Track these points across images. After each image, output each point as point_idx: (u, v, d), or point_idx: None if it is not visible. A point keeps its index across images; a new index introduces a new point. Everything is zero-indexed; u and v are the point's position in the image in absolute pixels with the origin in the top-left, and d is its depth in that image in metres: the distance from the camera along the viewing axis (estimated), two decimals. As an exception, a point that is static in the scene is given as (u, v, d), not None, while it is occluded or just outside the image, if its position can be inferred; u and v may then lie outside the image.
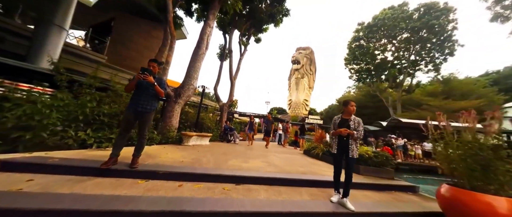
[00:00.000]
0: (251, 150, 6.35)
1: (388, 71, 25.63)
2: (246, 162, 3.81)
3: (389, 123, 18.46)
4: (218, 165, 3.16)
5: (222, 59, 13.24)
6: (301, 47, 50.21)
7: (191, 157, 3.58)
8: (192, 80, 6.90)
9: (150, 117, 2.49)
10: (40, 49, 7.27)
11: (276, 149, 7.93)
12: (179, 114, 6.64)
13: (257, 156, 4.94)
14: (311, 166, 4.35)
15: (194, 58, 7.12)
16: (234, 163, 3.54)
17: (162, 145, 4.97)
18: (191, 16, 11.58)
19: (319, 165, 4.67)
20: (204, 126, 8.73)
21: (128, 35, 14.74)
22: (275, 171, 3.27)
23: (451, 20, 21.83)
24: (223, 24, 13.02)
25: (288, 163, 4.32)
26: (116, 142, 2.37)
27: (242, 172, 2.88)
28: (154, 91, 2.45)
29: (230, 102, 12.42)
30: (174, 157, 3.40)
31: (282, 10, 13.18)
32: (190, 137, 5.72)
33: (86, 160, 2.45)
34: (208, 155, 4.04)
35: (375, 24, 25.10)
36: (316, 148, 6.27)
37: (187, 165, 2.94)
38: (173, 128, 6.18)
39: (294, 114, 44.45)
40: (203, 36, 7.39)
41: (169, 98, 6.48)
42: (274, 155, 5.58)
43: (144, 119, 2.43)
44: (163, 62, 6.73)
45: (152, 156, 3.22)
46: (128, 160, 2.45)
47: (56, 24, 7.63)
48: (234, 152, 5.21)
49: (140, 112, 2.38)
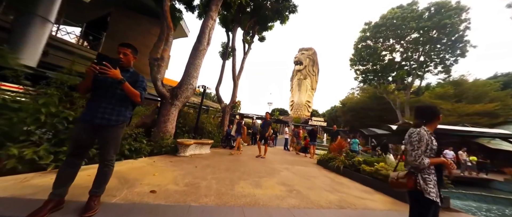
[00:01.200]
0: (257, 161, 5.44)
1: (396, 73, 24.63)
2: (258, 185, 2.91)
3: (400, 126, 17.49)
4: (222, 196, 2.26)
5: (224, 58, 12.39)
6: (303, 48, 49.46)
7: (185, 180, 2.68)
8: (192, 79, 6.02)
9: (116, 132, 1.59)
10: (20, 42, 6.42)
11: (283, 157, 7.01)
12: (175, 118, 5.76)
13: (267, 172, 4.03)
14: (338, 187, 3.44)
15: (194, 54, 6.24)
16: (244, 188, 2.64)
17: (153, 157, 4.07)
18: (192, 11, 10.75)
19: (347, 185, 3.75)
20: (205, 131, 7.84)
21: (125, 31, 13.90)
22: (301, 203, 2.37)
23: (463, 19, 20.85)
24: (226, 21, 12.21)
25: (309, 184, 3.41)
26: (59, 175, 1.45)
27: (260, 211, 1.98)
28: (124, 93, 1.56)
29: (233, 103, 11.55)
30: (162, 182, 2.50)
31: (289, 6, 12.34)
32: (187, 146, 4.83)
33: (15, 199, 1.56)
34: (209, 175, 3.14)
35: (383, 24, 24.12)
36: (334, 159, 5.35)
37: (178, 199, 2.04)
38: (168, 134, 5.30)
39: (296, 115, 43.54)
40: (204, 30, 6.52)
41: (165, 99, 5.60)
42: (286, 169, 4.67)
43: (106, 136, 1.55)
44: (158, 58, 5.86)
45: (129, 181, 2.32)
46: (85, 197, 1.55)
47: (39, 15, 6.79)
48: (239, 166, 4.31)
49: (100, 126, 1.51)
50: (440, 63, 23.44)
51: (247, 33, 12.74)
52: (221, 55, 13.07)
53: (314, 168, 5.37)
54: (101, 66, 1.37)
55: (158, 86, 5.44)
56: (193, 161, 4.21)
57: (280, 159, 6.43)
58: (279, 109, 53.72)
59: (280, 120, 28.34)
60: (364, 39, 26.15)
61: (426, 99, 23.00)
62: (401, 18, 22.97)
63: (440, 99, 21.46)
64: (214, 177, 3.05)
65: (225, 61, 12.19)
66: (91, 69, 1.37)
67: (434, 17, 21.42)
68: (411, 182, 1.34)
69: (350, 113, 34.53)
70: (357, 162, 4.54)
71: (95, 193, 1.54)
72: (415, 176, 1.36)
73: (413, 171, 1.39)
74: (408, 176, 1.38)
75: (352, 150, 7.44)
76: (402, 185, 1.42)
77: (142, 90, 1.64)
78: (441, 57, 23.03)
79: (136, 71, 1.74)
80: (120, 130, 1.62)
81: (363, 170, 4.21)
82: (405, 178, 1.39)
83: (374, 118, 29.34)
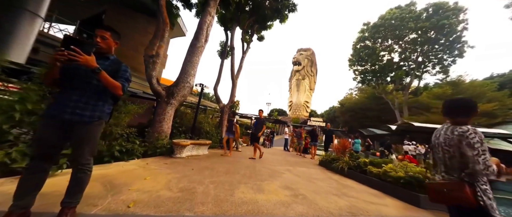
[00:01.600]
0: (258, 162, 5.19)
1: (394, 73, 24.65)
2: (260, 189, 2.66)
3: (399, 126, 17.39)
4: (221, 203, 2.01)
5: (223, 58, 12.17)
6: (302, 48, 49.50)
7: (180, 185, 2.42)
8: (189, 77, 5.77)
9: (92, 131, 1.32)
10: (8, 38, 6.10)
11: (284, 158, 6.77)
12: (171, 117, 5.49)
13: (269, 174, 3.79)
14: (346, 190, 3.21)
15: (191, 51, 6.00)
16: (245, 194, 2.39)
17: (147, 159, 3.80)
18: (190, 8, 10.51)
19: (354, 188, 3.52)
20: (202, 131, 7.57)
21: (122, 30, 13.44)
22: (309, 210, 2.13)
23: (461, 20, 20.95)
24: (224, 20, 11.98)
25: (315, 187, 3.17)
26: (21, 182, 1.18)
27: (262, 219, 1.73)
28: (101, 83, 1.28)
29: (231, 103, 11.29)
30: (154, 187, 2.24)
31: (288, 5, 12.17)
32: (183, 147, 4.56)
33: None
34: (206, 178, 2.88)
35: (381, 24, 24.13)
36: (338, 160, 5.13)
37: (171, 207, 1.79)
38: (163, 134, 5.03)
39: (294, 115, 43.42)
40: (202, 26, 6.28)
41: (160, 98, 5.33)
42: (288, 171, 4.44)
43: (79, 135, 1.28)
44: (153, 54, 5.59)
45: (116, 187, 2.06)
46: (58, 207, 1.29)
47: (29, 10, 6.47)
48: (239, 168, 4.05)
49: (70, 122, 1.24)
50: (438, 64, 23.55)
51: (246, 32, 12.53)
52: (219, 54, 12.84)
53: (317, 170, 5.14)
54: (70, 51, 1.12)
55: (153, 84, 5.17)
56: (189, 162, 3.94)
57: (281, 160, 6.19)
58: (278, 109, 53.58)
59: (279, 120, 28.10)
60: (362, 40, 26.15)
61: (424, 99, 23.03)
62: (399, 19, 23.02)
63: (438, 100, 21.50)
64: (212, 180, 2.79)
65: (223, 61, 11.95)
66: (56, 56, 1.10)
67: (432, 17, 21.50)
68: (470, 196, 1.02)
69: (348, 113, 34.53)
70: (363, 163, 4.33)
71: (68, 204, 1.28)
72: (473, 187, 1.05)
73: (467, 181, 1.07)
74: (462, 187, 1.06)
75: (354, 150, 7.26)
76: (456, 199, 1.07)
77: (124, 82, 1.37)
78: (439, 57, 23.14)
79: (119, 59, 1.48)
80: (96, 128, 1.34)
81: (369, 171, 3.99)
82: (459, 190, 1.06)
83: (372, 118, 29.36)
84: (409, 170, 3.36)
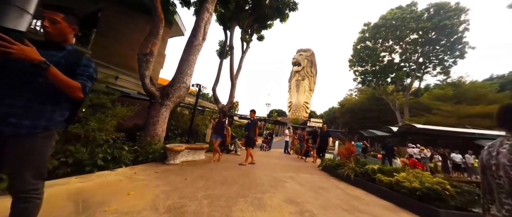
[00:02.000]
0: (258, 168, 4.87)
1: (395, 74, 24.43)
2: (261, 205, 2.34)
3: (400, 128, 17.13)
4: (215, 226, 1.69)
5: (222, 57, 11.85)
6: (301, 49, 49.28)
7: (169, 202, 2.09)
8: (185, 77, 5.44)
9: (35, 146, 0.97)
10: (-8, 35, 5.74)
11: (285, 163, 6.44)
12: (166, 120, 5.16)
13: (270, 183, 3.46)
14: (356, 203, 2.89)
15: (188, 50, 5.67)
16: (244, 212, 2.06)
17: (136, 166, 3.46)
18: (188, 6, 10.22)
19: (363, 199, 3.20)
20: (200, 133, 7.24)
21: (119, 28, 13.22)
22: (319, 233, 1.81)
23: (462, 21, 20.76)
24: (223, 19, 11.68)
25: (322, 201, 2.85)
26: None
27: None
28: (48, 82, 0.93)
29: (230, 104, 10.98)
30: (136, 206, 1.91)
31: (289, 4, 11.88)
32: (177, 153, 4.22)
33: None
34: (200, 191, 2.55)
35: (382, 25, 23.91)
36: (343, 166, 4.82)
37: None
38: (157, 138, 4.69)
39: (294, 116, 43.13)
40: (199, 23, 5.97)
41: (154, 99, 5.00)
42: (291, 178, 4.11)
43: (16, 153, 0.94)
44: (147, 53, 5.25)
45: (91, 206, 1.72)
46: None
47: (16, 5, 6.10)
48: (237, 175, 3.73)
49: (5, 135, 0.92)
50: (439, 65, 23.36)
51: (246, 31, 12.23)
52: (218, 54, 12.54)
53: (321, 176, 4.83)
54: None
55: (146, 84, 4.84)
56: (183, 171, 3.61)
57: (282, 165, 5.87)
58: (277, 110, 53.32)
59: (279, 121, 27.79)
60: (363, 40, 25.93)
61: (425, 101, 22.82)
62: (400, 19, 22.82)
63: (439, 101, 21.30)
64: (207, 194, 2.47)
65: (222, 60, 11.64)
66: None
67: (434, 18, 21.32)
68: None
69: (348, 114, 34.29)
70: (371, 171, 4.01)
71: (5, 246, 0.95)
72: None
73: None
74: None
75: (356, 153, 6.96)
76: None
77: (85, 80, 1.04)
78: (440, 58, 22.95)
79: (78, 50, 1.16)
80: (41, 142, 0.99)
81: (379, 180, 3.68)
82: None
83: (373, 119, 29.11)
84: (425, 180, 3.05)
